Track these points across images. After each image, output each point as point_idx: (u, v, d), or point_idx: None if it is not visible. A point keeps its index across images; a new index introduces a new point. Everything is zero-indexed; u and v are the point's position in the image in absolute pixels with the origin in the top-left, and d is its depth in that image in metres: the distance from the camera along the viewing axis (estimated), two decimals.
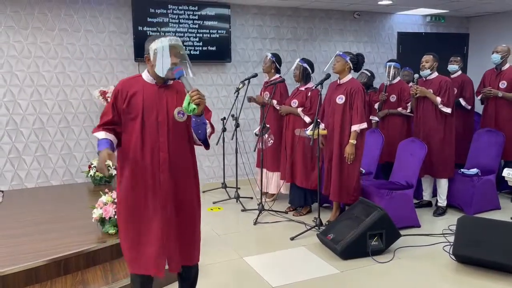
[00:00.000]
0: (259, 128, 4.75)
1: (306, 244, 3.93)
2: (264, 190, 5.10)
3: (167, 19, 5.43)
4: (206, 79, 5.85)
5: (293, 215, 4.71)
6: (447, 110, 4.47)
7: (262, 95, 5.06)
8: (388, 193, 4.17)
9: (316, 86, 4.25)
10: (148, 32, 5.31)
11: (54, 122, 5.16)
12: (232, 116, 5.01)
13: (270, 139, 4.62)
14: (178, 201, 2.36)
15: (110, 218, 3.33)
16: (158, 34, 5.21)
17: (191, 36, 5.58)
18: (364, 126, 4.10)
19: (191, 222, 2.42)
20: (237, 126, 4.98)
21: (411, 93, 4.71)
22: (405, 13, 6.85)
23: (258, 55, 6.07)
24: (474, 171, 4.74)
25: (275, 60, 5.01)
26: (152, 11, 5.35)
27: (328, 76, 4.21)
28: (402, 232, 3.91)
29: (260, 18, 6.09)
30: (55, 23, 5.07)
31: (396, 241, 3.75)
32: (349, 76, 4.21)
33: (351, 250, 3.58)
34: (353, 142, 4.07)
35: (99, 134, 2.28)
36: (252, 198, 5.30)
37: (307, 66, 4.61)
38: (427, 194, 4.91)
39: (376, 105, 5.31)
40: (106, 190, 3.52)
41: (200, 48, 5.64)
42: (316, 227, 4.19)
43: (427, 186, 4.87)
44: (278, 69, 5.04)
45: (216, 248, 3.85)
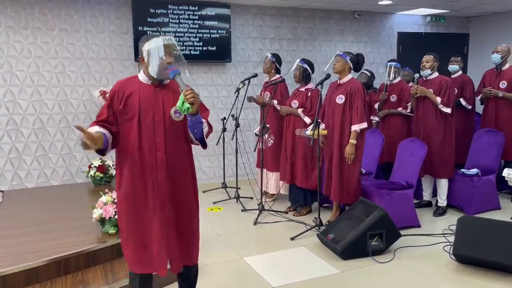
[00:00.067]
0: (259, 128, 4.75)
1: (306, 244, 3.93)
2: (264, 189, 5.10)
3: (167, 19, 5.43)
4: (206, 79, 5.85)
5: (293, 215, 4.71)
6: (447, 110, 4.47)
7: (262, 95, 5.06)
8: (388, 193, 4.17)
9: (316, 86, 4.26)
10: (148, 32, 5.31)
11: (54, 122, 5.16)
12: (232, 116, 5.01)
13: (270, 139, 4.62)
14: (176, 201, 2.36)
15: (110, 218, 3.33)
16: (153, 34, 5.19)
17: (191, 36, 5.57)
18: (364, 126, 4.10)
19: (190, 221, 2.42)
20: (237, 126, 4.98)
21: (411, 93, 4.71)
22: (405, 13, 6.86)
23: (258, 55, 6.07)
24: (474, 171, 4.74)
25: (275, 60, 5.01)
26: (152, 11, 5.35)
27: (328, 76, 4.21)
28: (402, 232, 3.91)
29: (260, 18, 6.09)
30: (55, 23, 5.07)
31: (396, 241, 3.75)
32: (349, 76, 4.21)
33: (351, 250, 3.58)
34: (353, 142, 4.07)
35: (93, 128, 2.25)
36: (252, 198, 5.30)
37: (307, 67, 4.61)
38: (427, 194, 4.91)
39: (376, 105, 5.31)
40: (106, 190, 3.51)
41: (200, 48, 5.64)
42: (316, 227, 4.18)
43: (427, 186, 4.87)
44: (278, 69, 5.04)
45: (216, 248, 3.85)
